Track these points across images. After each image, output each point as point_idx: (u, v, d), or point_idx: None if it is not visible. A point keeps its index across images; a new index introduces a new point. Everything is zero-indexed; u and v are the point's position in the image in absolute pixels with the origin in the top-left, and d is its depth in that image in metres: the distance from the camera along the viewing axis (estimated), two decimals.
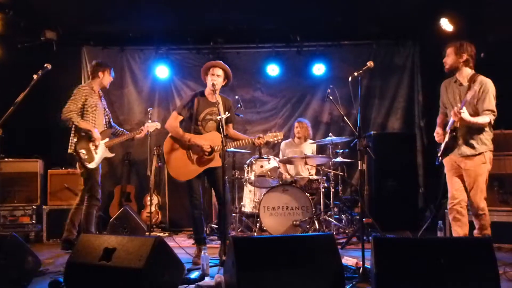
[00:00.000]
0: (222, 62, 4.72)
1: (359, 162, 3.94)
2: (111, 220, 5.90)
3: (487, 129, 4.18)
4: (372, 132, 6.70)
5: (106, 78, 5.25)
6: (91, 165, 4.96)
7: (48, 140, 6.95)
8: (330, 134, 6.27)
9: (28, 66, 4.69)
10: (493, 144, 4.27)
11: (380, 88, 7.63)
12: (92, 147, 5.00)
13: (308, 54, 7.53)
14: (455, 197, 4.32)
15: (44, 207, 6.13)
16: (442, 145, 4.32)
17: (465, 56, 4.24)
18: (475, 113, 4.17)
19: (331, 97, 5.15)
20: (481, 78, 4.19)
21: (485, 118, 4.09)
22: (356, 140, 4.03)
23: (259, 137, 4.60)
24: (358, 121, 4.01)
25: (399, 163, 6.43)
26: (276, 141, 4.73)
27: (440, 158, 4.37)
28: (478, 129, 4.16)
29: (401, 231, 5.97)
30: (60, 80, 6.78)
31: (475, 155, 4.16)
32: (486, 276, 2.91)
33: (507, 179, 5.21)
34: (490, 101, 4.11)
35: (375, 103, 7.64)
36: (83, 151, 4.94)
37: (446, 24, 6.07)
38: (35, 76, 4.29)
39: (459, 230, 4.30)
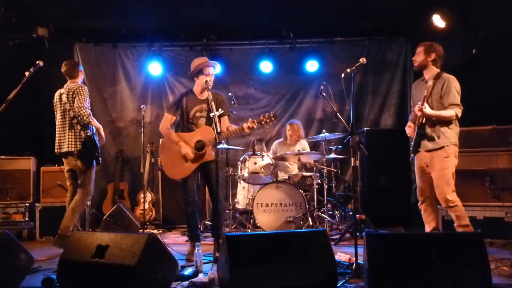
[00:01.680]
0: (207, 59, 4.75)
1: (352, 158, 3.96)
2: (104, 217, 5.89)
3: (452, 124, 4.25)
4: (365, 128, 6.72)
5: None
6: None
7: (40, 138, 6.92)
8: (324, 130, 6.27)
9: (20, 63, 4.66)
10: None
11: (373, 85, 7.65)
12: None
13: (301, 51, 7.52)
14: (421, 195, 4.49)
15: (37, 204, 6.10)
16: (412, 142, 4.43)
17: (433, 56, 4.36)
18: (442, 109, 4.25)
19: (324, 94, 5.16)
20: (444, 75, 4.32)
21: (450, 112, 4.18)
22: (349, 136, 4.05)
23: (251, 121, 4.54)
24: (351, 118, 4.03)
25: (392, 159, 6.47)
26: (269, 122, 4.69)
27: (412, 155, 4.46)
28: (441, 124, 4.24)
29: (394, 227, 6.01)
30: (52, 77, 6.72)
31: (437, 149, 4.24)
32: (477, 270, 2.94)
33: (498, 175, 5.23)
34: (454, 96, 4.21)
35: (368, 100, 7.66)
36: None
37: (438, 21, 6.08)
38: (26, 73, 4.25)
39: (428, 221, 4.44)
